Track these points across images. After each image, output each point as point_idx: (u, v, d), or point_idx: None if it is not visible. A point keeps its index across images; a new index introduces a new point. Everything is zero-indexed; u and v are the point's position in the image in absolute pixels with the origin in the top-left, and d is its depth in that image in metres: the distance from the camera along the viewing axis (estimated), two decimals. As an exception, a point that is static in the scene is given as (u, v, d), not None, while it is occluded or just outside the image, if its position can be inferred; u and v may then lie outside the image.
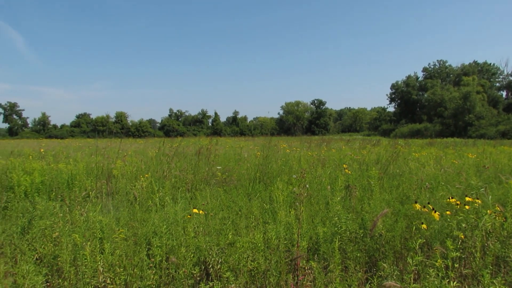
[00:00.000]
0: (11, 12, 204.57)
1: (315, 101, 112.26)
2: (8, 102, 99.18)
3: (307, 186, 5.79)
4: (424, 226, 3.35)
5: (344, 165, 7.33)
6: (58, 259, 3.39)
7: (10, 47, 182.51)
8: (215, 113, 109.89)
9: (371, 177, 5.79)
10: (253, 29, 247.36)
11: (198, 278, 3.21)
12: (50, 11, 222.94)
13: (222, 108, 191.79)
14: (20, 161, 7.66)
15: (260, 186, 6.63)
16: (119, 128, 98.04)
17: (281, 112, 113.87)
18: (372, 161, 9.68)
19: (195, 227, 4.05)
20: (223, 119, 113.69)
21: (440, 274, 2.69)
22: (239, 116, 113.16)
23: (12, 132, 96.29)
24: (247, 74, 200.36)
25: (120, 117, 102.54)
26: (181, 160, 9.37)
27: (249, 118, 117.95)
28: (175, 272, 3.15)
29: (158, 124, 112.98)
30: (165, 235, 3.54)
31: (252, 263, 3.25)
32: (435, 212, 3.46)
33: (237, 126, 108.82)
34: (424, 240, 3.29)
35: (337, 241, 3.22)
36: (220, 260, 3.27)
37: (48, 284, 3.16)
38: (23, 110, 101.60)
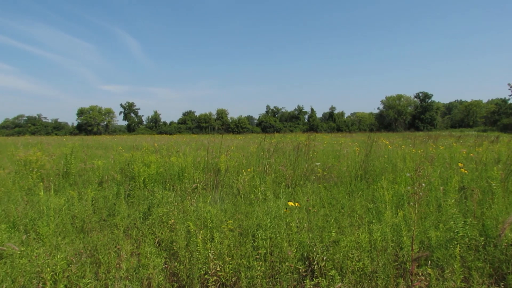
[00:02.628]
0: (128, 20, 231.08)
1: (420, 94, 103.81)
2: (127, 102, 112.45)
3: (423, 185, 5.37)
4: None
5: (459, 163, 6.64)
6: (174, 244, 3.71)
7: (129, 52, 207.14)
8: (311, 109, 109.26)
9: (492, 178, 5.13)
10: (350, 23, 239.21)
11: (304, 274, 3.21)
12: (160, 17, 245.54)
13: (318, 103, 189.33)
14: (139, 154, 8.59)
15: (362, 184, 6.39)
16: (220, 124, 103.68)
17: (381, 106, 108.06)
18: (491, 160, 8.60)
19: (297, 223, 4.07)
20: (319, 115, 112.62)
21: None
22: (335, 111, 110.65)
23: (130, 129, 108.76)
24: (345, 69, 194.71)
25: (221, 114, 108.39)
26: (280, 156, 9.52)
27: (346, 114, 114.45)
28: (280, 265, 3.21)
29: (255, 121, 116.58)
30: (269, 229, 3.62)
31: (358, 263, 3.14)
32: None
33: (333, 122, 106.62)
34: None
35: (457, 248, 2.91)
36: (324, 258, 3.22)
37: (166, 266, 3.47)
38: (139, 109, 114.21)
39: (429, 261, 3.28)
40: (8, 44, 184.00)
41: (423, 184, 5.39)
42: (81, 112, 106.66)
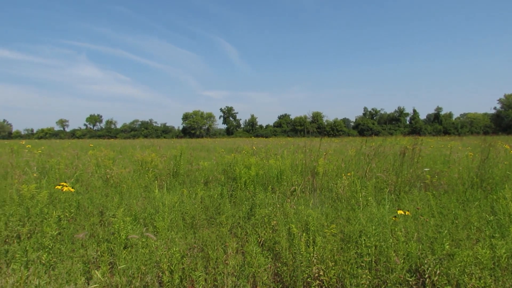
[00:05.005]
0: (228, 29, 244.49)
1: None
2: (226, 106, 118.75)
3: None
4: None
5: None
6: (276, 245, 3.78)
7: (228, 59, 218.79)
8: (414, 110, 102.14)
9: None
10: (458, 20, 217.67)
11: (414, 287, 3.01)
12: (257, 25, 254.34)
13: (421, 104, 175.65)
14: (240, 156, 8.99)
15: (479, 193, 5.75)
16: (315, 127, 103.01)
17: (499, 106, 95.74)
18: None
19: (404, 232, 3.84)
20: (422, 116, 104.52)
21: None
22: (442, 112, 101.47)
23: (228, 132, 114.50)
24: (454, 66, 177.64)
25: (316, 117, 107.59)
26: (381, 160, 9.07)
27: (455, 115, 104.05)
28: (387, 275, 3.05)
29: (352, 123, 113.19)
30: (373, 236, 3.48)
31: (478, 282, 2.82)
32: None
33: (439, 124, 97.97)
34: None
35: None
36: (437, 272, 2.97)
37: (268, 266, 3.56)
38: (237, 113, 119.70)
39: None
40: (125, 57, 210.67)
41: None
42: (185, 117, 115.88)
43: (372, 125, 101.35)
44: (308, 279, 3.18)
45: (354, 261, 3.24)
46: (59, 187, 4.60)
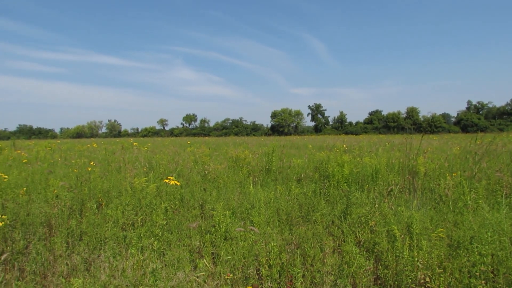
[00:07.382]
0: (316, 25, 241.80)
1: None
2: (314, 103, 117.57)
3: None
4: None
5: None
6: (376, 246, 3.64)
7: (316, 56, 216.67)
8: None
9: None
10: None
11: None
12: (345, 19, 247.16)
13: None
14: (332, 154, 8.84)
15: None
16: (410, 123, 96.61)
17: None
18: None
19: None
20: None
21: None
22: None
23: (317, 129, 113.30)
24: None
25: (411, 113, 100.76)
26: (492, 160, 8.15)
27: None
28: (507, 288, 2.73)
29: (452, 119, 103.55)
30: (488, 244, 3.13)
31: None
32: None
33: None
34: None
35: None
36: None
37: (369, 268, 3.44)
38: (325, 110, 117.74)
39: None
40: (217, 59, 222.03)
41: None
42: (274, 115, 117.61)
43: (477, 120, 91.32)
44: (412, 285, 2.99)
45: (467, 269, 2.96)
46: (167, 180, 5.02)
